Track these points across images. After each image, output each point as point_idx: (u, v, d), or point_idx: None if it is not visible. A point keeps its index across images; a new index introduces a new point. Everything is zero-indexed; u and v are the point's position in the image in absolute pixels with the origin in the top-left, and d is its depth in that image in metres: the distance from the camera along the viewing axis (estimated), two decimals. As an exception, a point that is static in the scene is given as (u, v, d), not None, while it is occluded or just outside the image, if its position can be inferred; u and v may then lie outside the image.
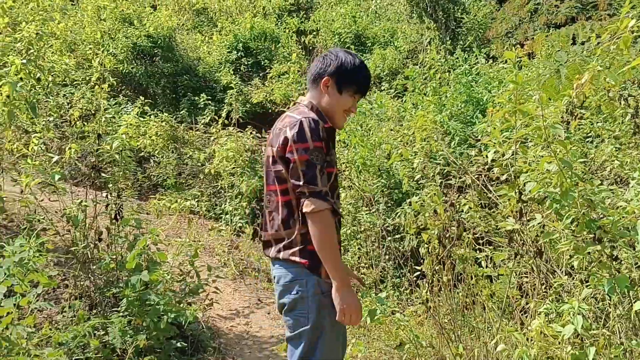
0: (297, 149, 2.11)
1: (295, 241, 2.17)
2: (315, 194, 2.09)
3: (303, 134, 2.12)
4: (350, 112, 2.33)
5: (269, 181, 2.25)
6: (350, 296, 2.13)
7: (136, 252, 3.21)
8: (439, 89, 6.93)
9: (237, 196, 7.29)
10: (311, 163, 2.10)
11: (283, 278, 2.20)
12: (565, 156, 2.43)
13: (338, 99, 2.28)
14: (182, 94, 10.13)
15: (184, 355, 3.61)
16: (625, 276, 2.44)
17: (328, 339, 2.19)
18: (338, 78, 2.27)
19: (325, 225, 2.09)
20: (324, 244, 2.10)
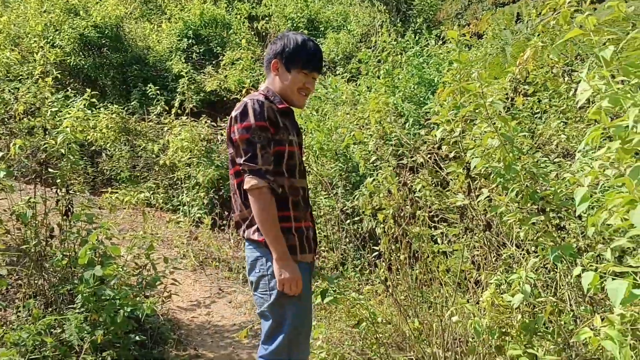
0: (239, 128, 2.19)
1: (253, 219, 2.24)
2: (254, 171, 2.16)
3: (245, 114, 2.19)
4: (306, 89, 2.39)
5: (230, 165, 2.34)
6: (289, 267, 2.18)
7: (88, 247, 3.15)
8: (392, 71, 6.98)
9: (195, 187, 7.22)
10: (251, 141, 2.17)
11: (249, 257, 2.29)
12: (507, 131, 2.49)
13: (287, 78, 2.35)
14: (132, 85, 9.90)
15: (144, 348, 3.58)
16: (570, 244, 2.53)
17: (292, 316, 2.24)
18: (284, 58, 2.34)
19: (264, 202, 2.16)
20: (262, 219, 2.17)
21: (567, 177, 2.81)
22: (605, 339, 1.69)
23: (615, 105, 1.68)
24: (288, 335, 2.22)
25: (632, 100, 1.55)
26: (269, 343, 2.24)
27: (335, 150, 6.23)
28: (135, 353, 3.45)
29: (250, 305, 4.62)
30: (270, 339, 2.23)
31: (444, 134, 3.19)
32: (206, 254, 5.93)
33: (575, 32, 1.98)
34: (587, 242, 2.98)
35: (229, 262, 5.76)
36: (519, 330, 2.43)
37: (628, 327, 1.84)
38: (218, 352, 3.80)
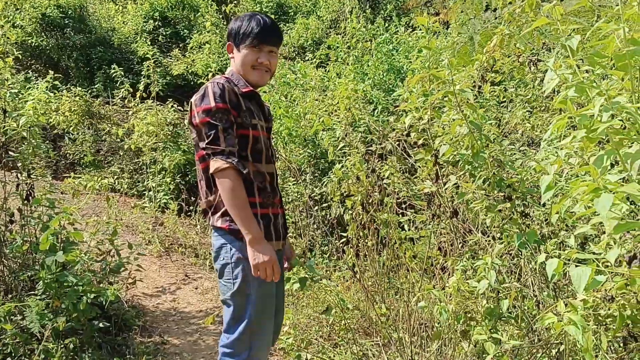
0: (199, 112, 2.14)
1: (218, 206, 2.20)
2: (217, 153, 2.11)
3: (205, 97, 2.14)
4: (260, 65, 2.30)
5: (195, 151, 2.28)
6: (263, 250, 2.12)
7: (49, 233, 3.07)
8: (361, 58, 6.97)
9: (160, 172, 7.10)
10: (212, 124, 2.12)
11: (214, 245, 2.24)
12: (475, 119, 2.51)
13: (239, 56, 2.29)
14: (96, 67, 9.65)
15: (108, 335, 3.52)
16: (534, 231, 2.58)
17: (255, 304, 2.19)
18: (233, 37, 2.30)
19: (230, 183, 2.10)
20: (231, 202, 2.10)
21: (533, 165, 2.87)
22: (568, 324, 1.72)
23: (581, 94, 1.70)
24: (249, 324, 2.18)
25: (598, 90, 1.57)
26: (230, 332, 2.20)
27: (304, 136, 6.21)
28: (99, 340, 3.40)
29: (216, 291, 4.58)
30: (232, 327, 2.20)
31: (413, 121, 3.20)
32: (172, 240, 5.86)
33: (542, 21, 1.99)
34: (550, 228, 3.04)
35: (195, 248, 5.71)
36: (484, 316, 2.47)
37: (590, 312, 1.89)
38: (184, 338, 3.76)
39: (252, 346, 2.21)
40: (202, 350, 3.60)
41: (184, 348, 3.61)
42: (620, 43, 1.56)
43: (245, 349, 2.20)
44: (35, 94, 3.69)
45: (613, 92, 1.54)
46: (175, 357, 3.49)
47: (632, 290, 1.76)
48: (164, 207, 6.82)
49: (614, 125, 1.55)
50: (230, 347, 2.20)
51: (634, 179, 1.44)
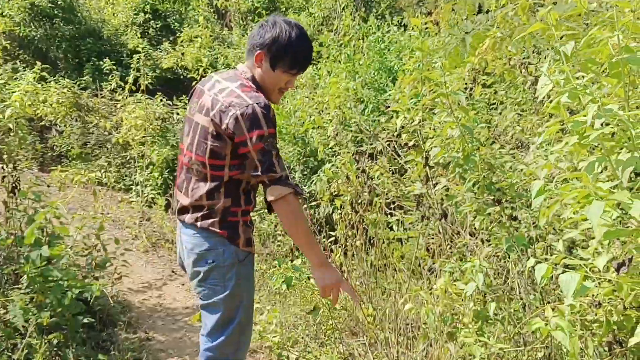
0: (251, 137, 2.00)
1: (215, 212, 2.11)
2: (276, 181, 2.02)
3: (257, 122, 1.99)
4: (286, 89, 2.22)
5: (199, 151, 2.12)
6: (332, 273, 2.13)
7: (35, 227, 3.03)
8: (353, 56, 6.96)
9: (148, 166, 7.05)
10: (266, 151, 2.00)
11: (198, 247, 2.14)
12: (467, 122, 2.51)
13: (271, 75, 2.14)
14: (85, 59, 9.55)
15: (92, 330, 3.49)
16: (522, 235, 2.59)
17: (245, 307, 2.19)
18: (271, 53, 2.11)
19: (293, 210, 2.04)
20: (298, 228, 2.06)
21: (522, 169, 2.88)
22: (555, 329, 1.73)
23: (574, 100, 1.71)
24: (239, 326, 2.17)
25: (591, 97, 1.58)
26: (217, 335, 2.17)
27: (294, 134, 6.19)
28: (83, 335, 3.36)
29: (203, 288, 4.56)
30: (218, 331, 2.17)
31: (404, 122, 3.20)
32: (159, 236, 5.82)
33: (537, 26, 2.00)
34: (538, 232, 3.05)
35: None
36: (471, 318, 2.47)
37: (577, 317, 1.90)
38: (169, 335, 3.74)
39: (238, 349, 2.20)
40: (187, 347, 3.59)
41: (170, 345, 3.59)
42: (614, 50, 1.57)
43: (231, 351, 2.19)
44: (22, 85, 3.63)
45: (606, 100, 1.55)
46: (161, 353, 3.47)
47: (619, 296, 1.77)
48: (151, 202, 6.77)
49: (605, 132, 1.56)
50: (215, 351, 2.18)
51: (624, 187, 1.45)
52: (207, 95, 2.14)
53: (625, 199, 1.38)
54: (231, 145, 2.06)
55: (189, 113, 2.24)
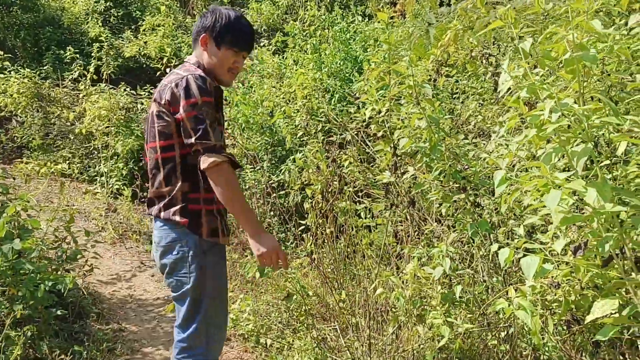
0: (184, 105, 2.08)
1: (175, 199, 2.15)
2: (209, 148, 2.07)
3: (189, 90, 2.09)
4: (235, 68, 2.30)
5: (150, 138, 2.21)
6: (267, 239, 2.14)
7: (6, 220, 3.01)
8: (319, 46, 7.01)
9: (113, 157, 6.97)
10: (200, 119, 2.07)
11: (164, 239, 2.18)
12: (433, 113, 2.62)
13: (217, 54, 2.25)
14: (45, 48, 9.32)
15: (65, 322, 3.50)
16: (485, 220, 2.72)
17: (211, 298, 2.21)
18: (214, 33, 2.23)
19: (227, 178, 2.07)
20: (230, 196, 2.08)
21: (485, 157, 3.01)
22: (518, 308, 1.86)
23: (532, 95, 1.82)
24: (206, 317, 2.20)
25: (548, 92, 1.69)
26: (186, 327, 2.20)
27: (262, 123, 6.22)
28: (56, 327, 3.37)
29: (174, 278, 4.58)
30: (188, 322, 2.20)
31: (372, 113, 3.29)
32: (126, 227, 5.79)
33: (497, 24, 2.10)
34: (500, 218, 3.20)
35: (150, 235, 5.66)
36: (439, 300, 2.59)
37: (538, 297, 2.03)
38: (142, 325, 3.77)
39: (209, 339, 2.22)
40: (160, 337, 3.62)
41: (143, 335, 3.62)
42: (569, 48, 1.68)
43: (202, 342, 2.21)
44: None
45: (562, 95, 1.66)
46: (134, 343, 3.50)
47: (577, 277, 1.90)
48: (116, 193, 6.72)
49: (563, 124, 1.68)
50: (186, 342, 2.21)
51: (579, 176, 1.57)
52: (160, 87, 2.23)
53: (580, 187, 1.50)
54: (174, 120, 2.13)
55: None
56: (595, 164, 1.61)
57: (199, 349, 2.21)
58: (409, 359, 2.83)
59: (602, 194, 1.49)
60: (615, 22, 2.70)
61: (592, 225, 1.64)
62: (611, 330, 1.68)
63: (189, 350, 2.21)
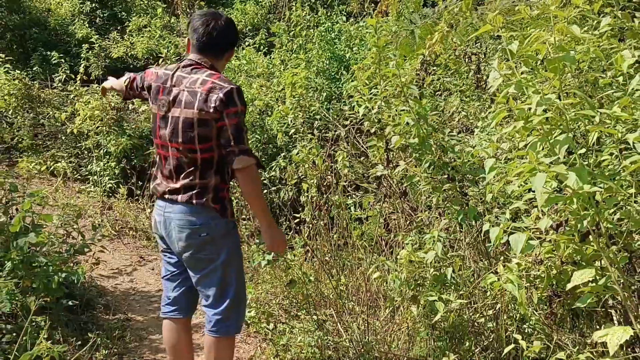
0: (229, 113, 2.31)
1: (208, 189, 2.41)
2: (244, 152, 2.33)
3: (233, 100, 2.32)
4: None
5: (186, 140, 2.37)
6: (279, 233, 2.52)
7: (21, 215, 3.16)
8: (305, 45, 7.20)
9: (105, 156, 7.08)
10: (239, 126, 2.34)
11: (191, 222, 2.42)
12: (420, 110, 2.84)
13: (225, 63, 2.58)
14: (31, 49, 9.36)
15: (73, 313, 3.64)
16: (474, 207, 2.95)
17: (238, 272, 2.52)
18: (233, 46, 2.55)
19: (254, 178, 2.37)
20: (257, 193, 2.39)
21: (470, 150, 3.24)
22: (506, 282, 2.08)
23: (519, 91, 2.05)
24: (236, 290, 2.50)
25: (534, 88, 1.92)
26: (221, 301, 2.48)
27: (252, 122, 6.40)
28: (66, 318, 3.52)
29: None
30: (222, 297, 2.48)
31: (365, 111, 3.50)
32: (122, 224, 5.92)
33: (486, 28, 2.32)
34: (486, 206, 3.43)
35: (146, 231, 5.80)
36: (431, 282, 2.82)
37: (523, 273, 2.26)
38: (147, 315, 3.93)
39: (239, 310, 2.53)
40: (166, 325, 3.79)
41: (149, 324, 3.79)
42: (551, 50, 1.91)
43: (234, 313, 2.51)
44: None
45: (546, 90, 1.89)
46: (142, 332, 3.66)
47: (558, 254, 2.14)
48: (109, 192, 6.83)
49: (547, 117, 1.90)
50: (221, 314, 2.48)
51: (561, 161, 1.79)
52: (178, 91, 2.40)
53: (562, 171, 1.73)
54: (216, 126, 2.35)
55: (158, 111, 2.47)
56: (574, 152, 1.84)
57: (232, 320, 2.50)
58: (404, 336, 3.05)
59: (580, 177, 1.72)
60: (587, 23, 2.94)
61: (571, 205, 1.87)
62: (588, 297, 1.92)
63: (223, 321, 2.49)
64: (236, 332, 2.58)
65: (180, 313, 2.68)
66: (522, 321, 2.79)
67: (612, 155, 2.15)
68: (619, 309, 2.31)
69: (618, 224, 2.00)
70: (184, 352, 2.69)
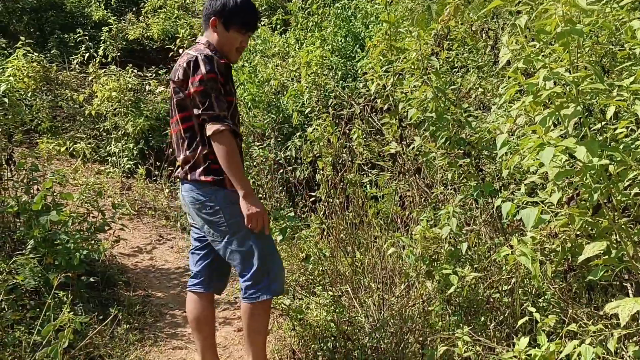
0: (193, 81, 2.39)
1: (198, 161, 2.48)
2: (214, 117, 2.39)
3: (197, 67, 2.39)
4: (242, 47, 2.61)
5: (172, 113, 2.53)
6: (255, 203, 2.44)
7: (43, 193, 3.24)
8: (321, 24, 7.16)
9: (123, 137, 7.17)
10: (206, 92, 2.38)
11: (194, 199, 2.49)
12: (439, 84, 2.83)
13: (227, 36, 2.54)
14: (48, 32, 9.44)
15: (94, 290, 3.73)
16: (489, 183, 2.95)
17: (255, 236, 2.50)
18: (223, 17, 2.52)
19: (227, 144, 2.39)
20: (228, 160, 2.39)
21: (487, 126, 3.22)
22: (520, 255, 2.09)
23: (528, 65, 2.03)
24: (259, 253, 2.49)
25: (542, 62, 1.91)
26: (247, 269, 2.50)
27: (268, 101, 6.41)
28: (87, 295, 3.61)
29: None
30: (247, 264, 2.49)
31: (378, 88, 3.49)
32: (141, 204, 6.02)
33: (496, 3, 2.29)
34: (502, 182, 3.42)
35: (165, 211, 5.89)
36: (446, 257, 2.83)
37: (537, 247, 2.26)
38: (167, 292, 4.02)
39: (269, 272, 2.53)
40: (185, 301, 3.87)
41: (169, 300, 3.88)
42: (560, 23, 1.89)
43: (263, 276, 2.51)
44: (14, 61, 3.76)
45: (555, 65, 1.87)
46: (162, 307, 3.75)
47: (572, 227, 2.13)
48: (128, 173, 6.93)
49: (556, 91, 1.89)
50: (250, 280, 2.51)
51: (571, 135, 1.79)
52: (177, 67, 2.53)
53: (572, 145, 1.72)
54: (186, 95, 2.45)
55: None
56: (585, 125, 1.83)
57: (262, 283, 2.51)
58: (419, 311, 3.08)
59: (590, 151, 1.72)
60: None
61: (583, 178, 1.87)
62: (602, 270, 1.92)
63: (253, 287, 2.52)
64: (268, 296, 2.54)
65: (203, 287, 2.73)
66: (538, 296, 2.80)
67: (628, 129, 2.13)
68: (634, 282, 2.31)
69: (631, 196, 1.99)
70: (204, 325, 2.75)
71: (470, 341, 2.36)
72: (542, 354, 1.93)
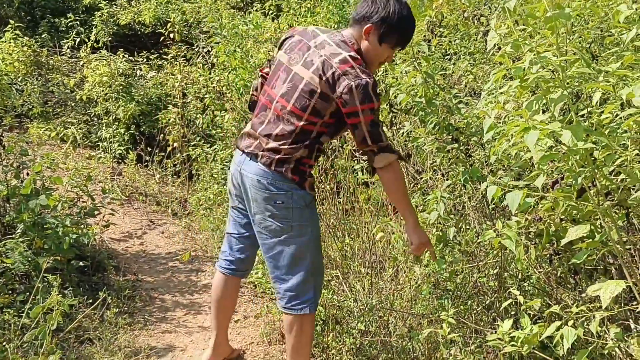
0: (364, 109, 2.22)
1: (291, 160, 2.32)
2: (383, 149, 2.30)
3: (369, 95, 2.22)
4: (383, 62, 2.46)
5: (297, 104, 2.29)
6: (422, 234, 2.47)
7: (32, 177, 3.23)
8: (314, 9, 7.13)
9: (114, 122, 7.14)
10: (375, 122, 2.27)
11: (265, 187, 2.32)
12: (428, 70, 2.83)
13: (377, 49, 2.35)
14: (39, 16, 9.35)
15: (84, 274, 3.74)
16: (477, 169, 2.96)
17: (315, 246, 2.45)
18: (382, 29, 2.31)
19: (400, 173, 2.38)
20: (402, 190, 2.39)
21: (476, 112, 3.23)
22: (504, 239, 2.11)
23: (516, 50, 2.04)
24: (312, 265, 2.42)
25: (529, 46, 1.91)
26: (293, 273, 2.40)
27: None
28: (77, 279, 3.61)
29: (182, 235, 4.82)
30: (294, 269, 2.39)
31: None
32: (132, 189, 6.00)
33: (489, -15, 2.29)
34: (490, 168, 3.45)
35: (156, 196, 5.88)
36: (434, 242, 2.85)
37: (522, 231, 2.29)
38: (157, 276, 4.03)
39: (316, 285, 2.46)
40: (176, 285, 3.89)
41: (159, 284, 3.89)
42: (548, 7, 1.89)
43: (310, 289, 2.43)
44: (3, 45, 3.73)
45: (541, 48, 1.88)
46: (152, 292, 3.76)
47: (557, 211, 2.16)
48: (119, 158, 6.90)
49: (544, 75, 1.90)
50: (294, 290, 2.41)
51: (556, 119, 1.80)
52: (315, 53, 2.29)
53: (557, 129, 1.73)
54: (335, 109, 2.29)
55: (286, 61, 2.36)
56: (571, 109, 1.84)
57: (307, 296, 2.43)
58: (407, 295, 3.11)
59: (575, 135, 1.73)
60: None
61: (567, 162, 1.88)
62: (585, 254, 1.95)
63: (297, 298, 2.42)
64: (312, 312, 2.45)
65: (237, 273, 2.72)
66: (523, 280, 2.83)
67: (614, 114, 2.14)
68: (618, 266, 2.34)
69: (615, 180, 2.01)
70: (227, 308, 2.76)
71: (454, 323, 2.39)
72: (525, 336, 1.96)
